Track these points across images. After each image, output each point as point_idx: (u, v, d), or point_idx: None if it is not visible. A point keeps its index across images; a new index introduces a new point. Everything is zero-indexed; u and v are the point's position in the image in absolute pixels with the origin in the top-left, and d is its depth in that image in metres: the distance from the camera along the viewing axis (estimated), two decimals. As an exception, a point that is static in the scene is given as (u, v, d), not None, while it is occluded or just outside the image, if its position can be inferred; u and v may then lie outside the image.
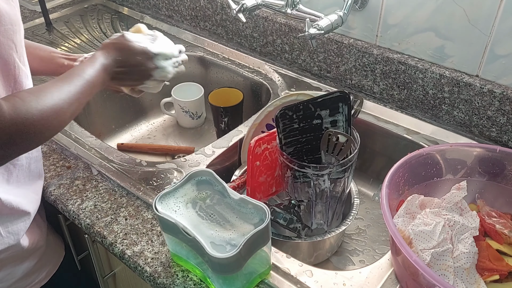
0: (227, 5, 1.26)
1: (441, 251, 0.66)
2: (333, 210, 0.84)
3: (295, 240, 0.82)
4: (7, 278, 0.81)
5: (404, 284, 0.69)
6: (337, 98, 0.78)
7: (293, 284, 0.70)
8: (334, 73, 1.13)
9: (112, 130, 1.25)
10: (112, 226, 0.79)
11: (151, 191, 0.85)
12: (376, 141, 1.03)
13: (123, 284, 0.98)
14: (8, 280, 0.81)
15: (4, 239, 0.76)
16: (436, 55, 0.97)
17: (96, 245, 0.91)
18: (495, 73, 0.91)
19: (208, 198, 0.69)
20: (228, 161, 0.97)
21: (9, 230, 0.76)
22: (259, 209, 0.66)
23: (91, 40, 1.38)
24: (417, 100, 1.02)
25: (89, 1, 1.56)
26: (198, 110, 1.23)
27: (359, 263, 0.90)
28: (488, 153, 0.77)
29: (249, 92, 1.20)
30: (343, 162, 0.76)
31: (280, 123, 0.78)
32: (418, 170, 0.78)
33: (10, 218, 0.76)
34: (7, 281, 0.81)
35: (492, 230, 0.71)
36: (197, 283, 0.70)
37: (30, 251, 0.82)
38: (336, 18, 0.95)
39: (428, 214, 0.72)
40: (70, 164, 0.92)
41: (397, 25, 0.99)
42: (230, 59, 1.26)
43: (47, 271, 0.88)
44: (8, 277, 0.81)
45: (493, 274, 0.66)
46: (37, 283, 0.86)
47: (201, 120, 1.26)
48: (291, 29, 1.15)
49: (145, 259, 0.74)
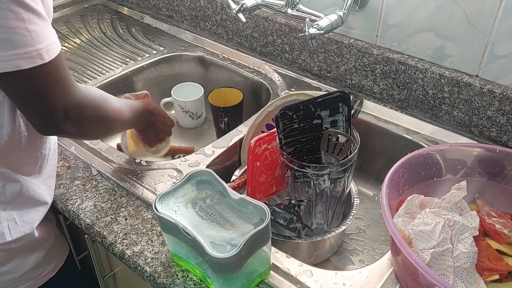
0: (227, 5, 1.26)
1: (441, 251, 0.66)
2: (333, 210, 0.84)
3: (295, 240, 0.82)
4: (18, 269, 0.81)
5: (404, 284, 0.69)
6: (337, 98, 0.78)
7: (293, 284, 0.70)
8: (334, 73, 1.13)
9: (112, 130, 1.25)
10: (112, 226, 0.79)
11: (151, 191, 0.85)
12: (376, 141, 1.03)
13: (123, 284, 0.98)
14: (19, 271, 0.82)
15: (19, 227, 0.78)
16: (436, 55, 0.97)
17: (96, 245, 0.91)
18: (495, 73, 0.91)
19: (208, 198, 0.69)
20: (228, 161, 0.97)
21: (24, 219, 0.79)
22: (259, 209, 0.66)
23: (91, 40, 1.38)
24: (417, 100, 1.02)
25: (89, 1, 1.56)
26: (198, 110, 1.23)
27: (359, 263, 0.90)
28: (488, 153, 0.77)
29: (249, 92, 1.20)
30: (343, 162, 0.76)
31: (280, 123, 0.78)
32: (418, 170, 0.78)
33: (26, 206, 0.79)
34: (18, 271, 0.82)
35: (492, 230, 0.71)
36: (197, 283, 0.70)
37: (40, 241, 0.84)
38: (336, 18, 0.95)
39: (428, 214, 0.72)
40: (70, 164, 0.92)
41: (397, 25, 0.99)
42: (230, 59, 1.26)
43: (55, 263, 0.89)
44: (19, 267, 0.81)
45: (493, 274, 0.66)
46: (46, 274, 0.87)
47: (201, 120, 1.26)
48: (291, 29, 1.15)
49: (145, 259, 0.74)
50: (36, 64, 0.60)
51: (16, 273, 0.81)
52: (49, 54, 0.62)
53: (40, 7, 0.61)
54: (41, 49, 0.60)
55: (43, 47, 0.61)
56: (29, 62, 0.60)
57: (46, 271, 0.87)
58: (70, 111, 0.65)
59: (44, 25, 0.62)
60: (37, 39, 0.60)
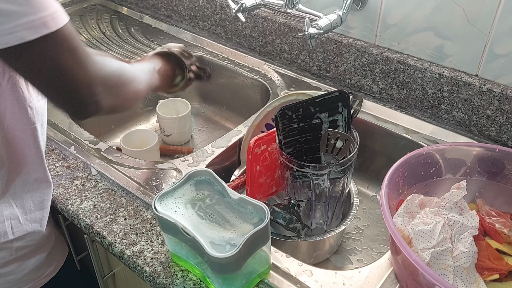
0: (226, 5, 1.25)
1: (440, 251, 0.66)
2: (332, 210, 0.84)
3: (295, 240, 0.82)
4: (18, 270, 0.81)
5: (403, 283, 0.69)
6: (336, 98, 0.78)
7: (292, 283, 0.70)
8: (333, 73, 1.13)
9: (111, 130, 1.25)
10: (111, 226, 0.79)
11: (151, 191, 0.85)
12: (375, 140, 1.03)
13: (122, 284, 0.98)
14: (19, 272, 0.81)
15: (23, 226, 0.78)
16: (436, 55, 0.97)
17: (95, 245, 0.91)
18: (494, 73, 0.91)
19: (208, 198, 0.69)
20: (228, 161, 0.97)
21: (27, 218, 0.79)
22: (259, 209, 0.66)
23: (90, 40, 1.37)
24: (416, 100, 1.02)
25: (88, 1, 1.56)
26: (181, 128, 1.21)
27: (359, 262, 0.90)
28: (488, 152, 0.77)
29: (248, 92, 1.20)
30: (342, 162, 0.76)
31: (279, 123, 0.78)
32: (418, 170, 0.78)
33: (37, 187, 0.80)
34: (18, 273, 0.81)
35: (492, 229, 0.71)
36: (196, 283, 0.70)
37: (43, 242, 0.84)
38: (336, 18, 0.95)
39: (427, 214, 0.72)
40: (69, 164, 0.92)
41: (396, 24, 0.99)
42: (229, 58, 1.26)
43: (56, 264, 0.88)
44: (20, 268, 0.81)
45: (492, 274, 0.66)
46: (47, 275, 0.87)
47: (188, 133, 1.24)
48: (290, 29, 1.15)
49: (145, 259, 0.74)
50: (42, 33, 0.56)
51: (17, 274, 0.81)
52: (55, 22, 0.57)
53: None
54: (45, 17, 0.56)
55: (46, 15, 0.56)
56: (33, 32, 0.55)
57: (47, 272, 0.87)
58: (94, 84, 0.61)
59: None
60: (38, 7, 0.56)
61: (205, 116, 1.32)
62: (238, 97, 1.24)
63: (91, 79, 0.61)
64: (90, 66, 0.61)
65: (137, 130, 1.18)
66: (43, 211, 0.82)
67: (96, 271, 0.95)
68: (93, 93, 0.62)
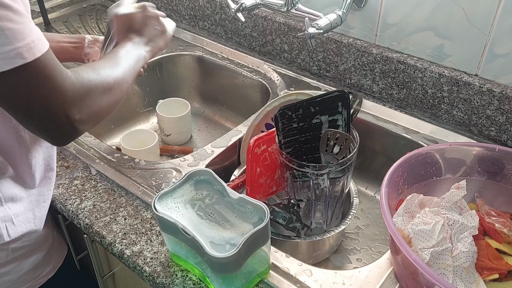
0: (226, 5, 1.25)
1: (440, 250, 0.66)
2: (332, 210, 0.84)
3: (295, 239, 0.82)
4: (15, 270, 0.81)
5: (403, 283, 0.69)
6: (336, 98, 0.78)
7: (292, 283, 0.70)
8: (333, 73, 1.13)
9: (111, 130, 1.25)
10: (111, 226, 0.79)
11: (150, 191, 0.85)
12: (375, 140, 1.03)
13: (122, 284, 0.98)
14: (17, 273, 0.81)
15: (17, 227, 0.77)
16: (435, 54, 0.97)
17: (95, 245, 0.91)
18: (494, 72, 0.91)
19: (207, 197, 0.69)
20: (227, 161, 0.97)
21: (20, 219, 0.78)
22: (259, 209, 0.66)
23: (90, 39, 1.37)
24: (416, 99, 1.02)
25: (87, 1, 1.56)
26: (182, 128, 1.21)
27: (358, 262, 0.90)
28: (487, 152, 0.77)
29: (248, 92, 1.20)
30: (342, 161, 0.76)
31: (279, 122, 0.78)
32: (418, 169, 0.78)
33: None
34: (15, 273, 0.81)
35: (492, 229, 0.71)
36: (196, 282, 0.70)
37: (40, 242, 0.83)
38: (335, 18, 0.95)
39: (427, 213, 0.72)
40: (69, 164, 0.92)
41: (396, 24, 0.99)
42: (229, 58, 1.26)
43: (54, 264, 0.88)
44: (17, 269, 0.81)
45: (492, 273, 0.66)
46: (45, 275, 0.87)
47: (187, 133, 1.24)
48: (290, 29, 1.15)
49: (144, 259, 0.74)
50: (16, 64, 0.55)
51: (13, 275, 0.81)
52: (31, 52, 0.56)
53: (18, 4, 0.57)
54: (20, 47, 0.55)
55: (23, 45, 0.55)
56: (7, 63, 0.54)
57: (45, 272, 0.87)
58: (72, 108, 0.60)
59: (23, 22, 0.56)
60: (15, 37, 0.55)
61: (205, 116, 1.32)
62: (237, 97, 1.24)
63: (69, 105, 0.60)
64: (67, 92, 0.60)
65: (137, 130, 1.18)
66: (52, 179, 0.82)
67: (95, 271, 0.95)
68: (72, 119, 0.60)
